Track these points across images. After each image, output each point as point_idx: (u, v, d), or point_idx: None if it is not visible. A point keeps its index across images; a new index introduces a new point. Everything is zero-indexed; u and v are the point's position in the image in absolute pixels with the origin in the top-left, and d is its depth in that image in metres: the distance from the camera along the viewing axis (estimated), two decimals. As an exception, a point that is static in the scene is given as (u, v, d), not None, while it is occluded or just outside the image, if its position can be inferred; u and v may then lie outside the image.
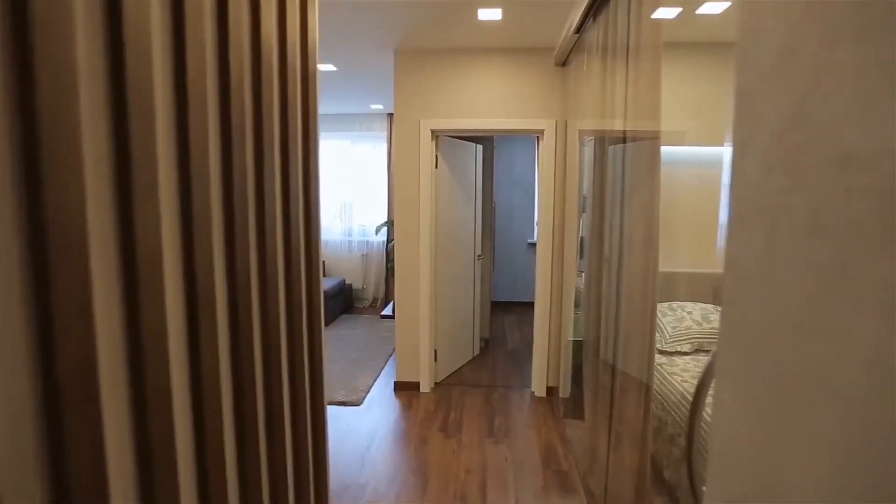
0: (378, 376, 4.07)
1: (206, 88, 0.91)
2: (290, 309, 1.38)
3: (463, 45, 3.45)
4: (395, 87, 3.57)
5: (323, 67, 4.01)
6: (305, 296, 1.52)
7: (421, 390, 3.79)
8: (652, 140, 2.01)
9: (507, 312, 6.23)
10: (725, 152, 3.42)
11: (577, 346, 3.32)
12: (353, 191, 6.58)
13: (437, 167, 3.73)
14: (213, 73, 0.96)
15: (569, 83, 3.44)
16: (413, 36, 3.29)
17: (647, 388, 1.97)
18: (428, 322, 3.73)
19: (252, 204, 1.13)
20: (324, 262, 6.57)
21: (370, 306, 6.67)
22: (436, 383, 3.93)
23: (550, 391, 3.77)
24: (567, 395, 3.59)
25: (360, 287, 6.71)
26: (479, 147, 4.44)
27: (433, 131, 3.60)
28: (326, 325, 5.92)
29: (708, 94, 3.28)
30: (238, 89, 1.02)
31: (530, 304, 3.92)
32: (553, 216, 3.65)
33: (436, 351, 3.89)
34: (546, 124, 3.57)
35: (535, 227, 6.71)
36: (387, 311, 4.14)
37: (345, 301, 6.29)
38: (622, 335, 2.22)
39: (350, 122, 6.48)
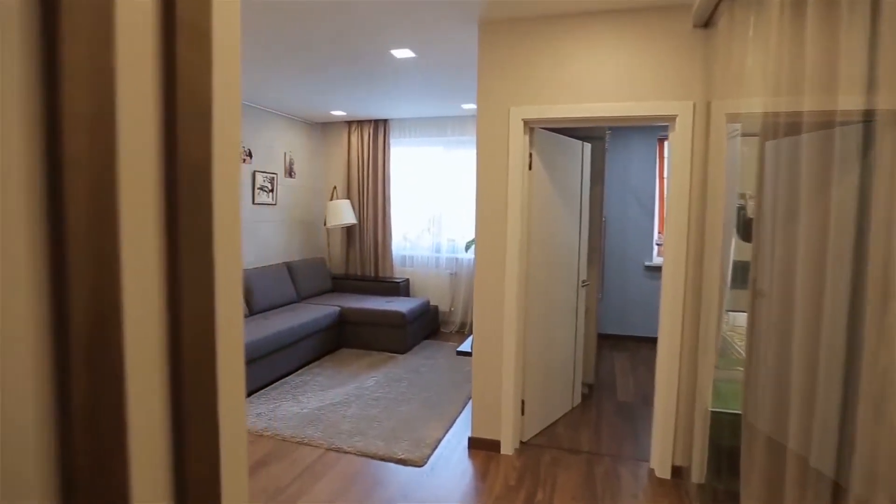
0: (451, 426, 3.28)
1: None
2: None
3: (565, 8, 2.62)
4: (479, 66, 2.83)
5: (399, 53, 3.40)
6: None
7: (502, 451, 2.93)
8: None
9: (616, 349, 5.13)
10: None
11: (728, 423, 2.26)
12: (445, 202, 5.94)
13: (530, 169, 2.91)
14: None
15: (716, 50, 2.45)
16: (501, -1, 2.54)
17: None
18: (514, 364, 2.88)
19: None
20: (408, 279, 5.97)
21: (457, 332, 5.93)
22: (521, 443, 3.04)
23: (678, 471, 2.71)
24: (703, 481, 2.52)
25: (447, 310, 6.00)
26: (587, 146, 3.53)
27: (526, 122, 2.79)
28: (405, 350, 5.36)
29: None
30: None
31: (646, 341, 2.92)
32: (688, 233, 2.63)
33: (523, 402, 3.01)
34: (679, 108, 2.59)
35: (655, 248, 5.56)
36: (466, 345, 3.36)
37: (429, 325, 5.61)
38: (865, 433, 1.22)
39: (441, 126, 5.88)
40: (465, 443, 3.04)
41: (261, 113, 5.34)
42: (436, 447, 2.98)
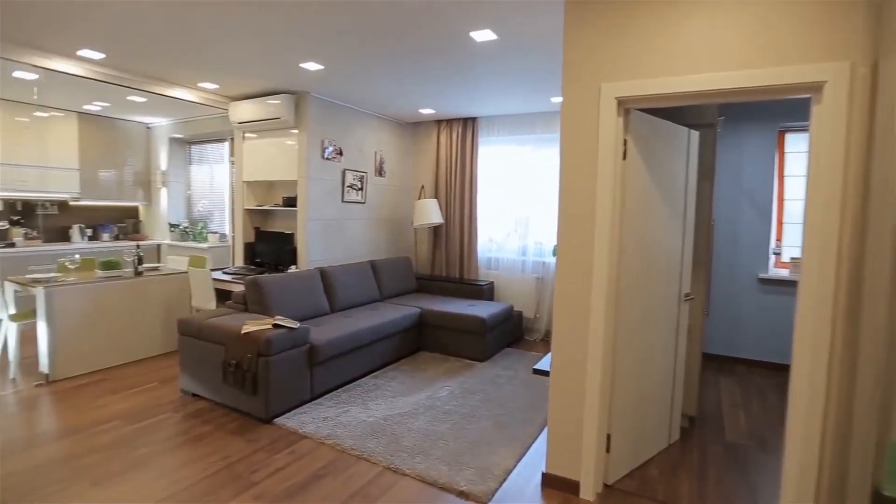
0: (524, 455, 2.72)
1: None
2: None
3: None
4: (566, 33, 2.23)
5: (479, 36, 2.91)
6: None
7: (581, 495, 2.32)
8: None
9: (722, 373, 4.19)
10: None
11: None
12: (532, 203, 5.35)
13: (624, 158, 2.27)
14: None
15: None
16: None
17: None
18: (599, 390, 2.26)
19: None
20: (492, 283, 5.46)
21: (542, 340, 5.30)
22: (605, 486, 2.40)
23: (823, 552, 1.92)
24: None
25: (532, 316, 5.40)
26: (694, 134, 2.78)
27: (621, 102, 2.16)
28: (483, 358, 4.64)
29: None
30: None
31: (759, 365, 2.15)
32: (840, 239, 1.84)
33: (609, 436, 2.38)
34: (829, 72, 1.81)
35: (772, 258, 4.51)
36: (544, 363, 2.80)
37: (511, 331, 5.05)
38: None
39: (529, 123, 5.29)
40: (539, 479, 2.47)
41: (352, 112, 5.16)
42: (504, 480, 2.45)
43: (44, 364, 3.79)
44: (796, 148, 4.40)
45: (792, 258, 4.26)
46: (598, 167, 2.18)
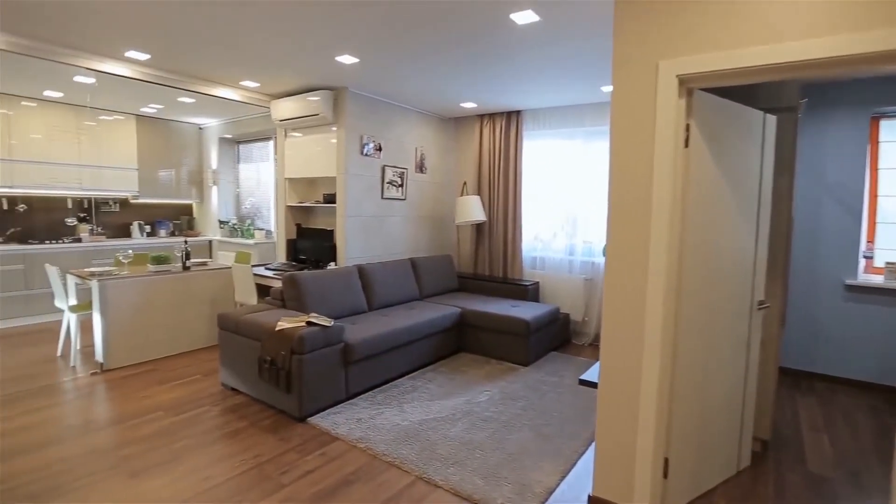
0: (568, 473, 2.50)
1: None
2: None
3: None
4: (616, 7, 1.99)
5: (520, 18, 2.71)
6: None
7: (633, 524, 2.08)
8: None
9: (799, 390, 3.75)
10: None
11: None
12: (581, 200, 5.06)
13: (686, 146, 2.00)
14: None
15: None
16: None
17: None
18: (655, 407, 2.01)
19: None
20: (537, 283, 5.22)
21: (590, 345, 5.01)
22: (662, 516, 2.14)
23: None
24: None
25: (580, 319, 5.11)
26: (771, 119, 2.44)
27: (682, 80, 1.89)
28: (527, 362, 4.26)
29: None
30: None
31: (845, 383, 1.83)
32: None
33: (667, 460, 2.12)
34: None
35: (862, 262, 3.98)
36: (592, 373, 2.55)
37: (558, 334, 4.80)
38: None
39: (578, 115, 4.99)
40: (584, 502, 2.24)
41: (391, 107, 5.07)
42: (545, 500, 2.23)
43: (99, 353, 3.96)
44: (893, 137, 3.86)
45: (888, 263, 3.74)
46: (655, 156, 1.93)
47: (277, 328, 3.13)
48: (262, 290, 4.70)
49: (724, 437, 2.38)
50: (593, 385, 2.33)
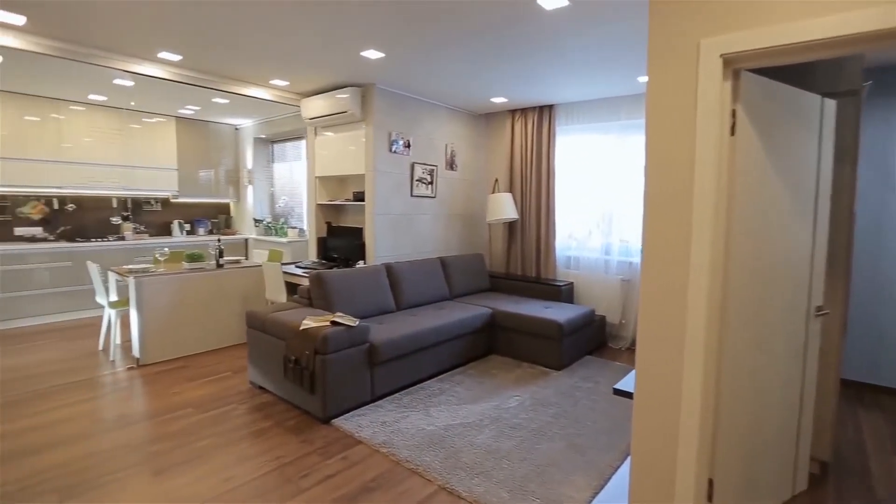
0: (602, 489, 2.33)
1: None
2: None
3: None
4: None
5: (548, 3, 2.55)
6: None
7: (671, 550, 1.91)
8: None
9: (862, 404, 3.41)
10: None
11: None
12: (617, 197, 4.82)
13: (733, 134, 1.81)
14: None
15: None
16: None
17: None
18: (698, 422, 1.83)
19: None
20: (571, 283, 5.02)
21: (628, 349, 4.77)
22: (705, 541, 1.95)
23: None
24: None
25: (617, 322, 4.88)
26: (830, 103, 2.19)
27: (727, 60, 1.70)
28: (560, 367, 4.05)
29: None
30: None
31: None
32: None
33: (711, 481, 1.93)
34: None
35: (938, 261, 3.58)
36: (627, 382, 2.37)
37: (593, 338, 4.59)
38: None
39: (613, 108, 4.76)
40: (616, 521, 2.09)
41: (420, 103, 4.99)
42: (573, 518, 2.10)
43: (136, 349, 4.07)
44: (975, 121, 3.45)
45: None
46: (696, 146, 1.74)
47: (302, 327, 3.10)
48: (292, 288, 4.72)
49: (777, 457, 2.16)
50: (628, 395, 2.16)
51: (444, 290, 4.75)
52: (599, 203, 4.94)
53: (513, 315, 4.24)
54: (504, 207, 5.16)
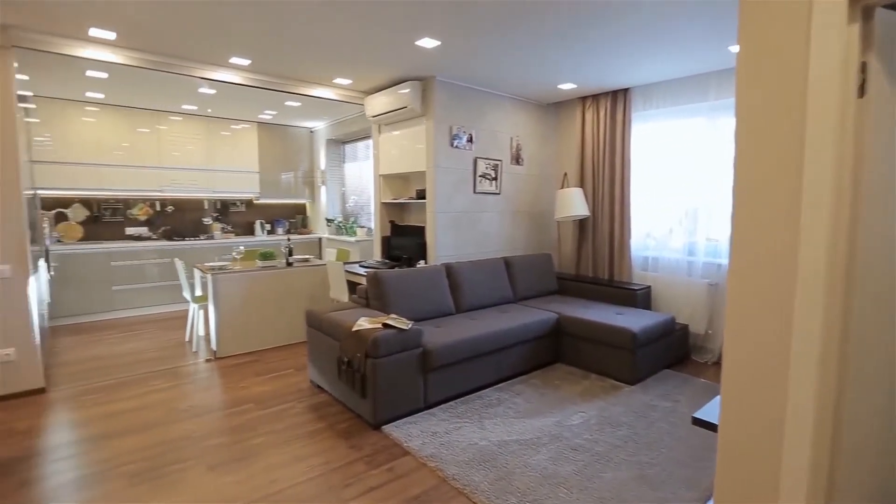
0: (675, 533, 1.95)
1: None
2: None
3: None
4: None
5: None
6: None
7: None
8: None
9: None
10: None
11: None
12: (704, 190, 4.23)
13: (861, 96, 1.36)
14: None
15: None
16: None
17: None
18: (807, 471, 1.41)
19: None
20: (649, 287, 4.50)
21: (715, 363, 4.17)
22: None
23: None
24: None
25: (703, 332, 4.28)
26: None
27: None
28: (633, 381, 3.52)
29: None
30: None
31: None
32: None
33: (823, 546, 1.49)
34: None
35: None
36: (710, 410, 1.94)
37: (674, 349, 4.05)
38: None
39: (700, 87, 4.16)
40: (695, 581, 1.70)
41: (483, 95, 4.73)
42: (640, 570, 1.75)
43: (213, 342, 4.27)
44: None
45: None
46: (808, 111, 1.33)
47: (354, 328, 3.00)
48: (355, 288, 4.70)
49: (921, 519, 1.64)
50: (712, 428, 1.76)
51: (508, 292, 4.46)
52: (682, 197, 4.36)
53: (581, 321, 3.85)
54: (574, 203, 4.75)
